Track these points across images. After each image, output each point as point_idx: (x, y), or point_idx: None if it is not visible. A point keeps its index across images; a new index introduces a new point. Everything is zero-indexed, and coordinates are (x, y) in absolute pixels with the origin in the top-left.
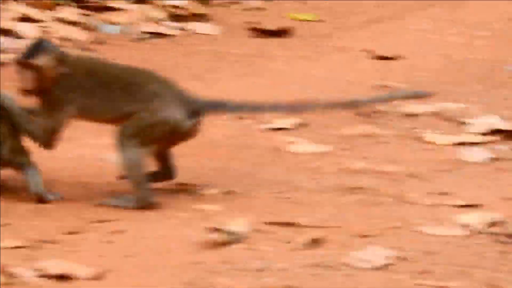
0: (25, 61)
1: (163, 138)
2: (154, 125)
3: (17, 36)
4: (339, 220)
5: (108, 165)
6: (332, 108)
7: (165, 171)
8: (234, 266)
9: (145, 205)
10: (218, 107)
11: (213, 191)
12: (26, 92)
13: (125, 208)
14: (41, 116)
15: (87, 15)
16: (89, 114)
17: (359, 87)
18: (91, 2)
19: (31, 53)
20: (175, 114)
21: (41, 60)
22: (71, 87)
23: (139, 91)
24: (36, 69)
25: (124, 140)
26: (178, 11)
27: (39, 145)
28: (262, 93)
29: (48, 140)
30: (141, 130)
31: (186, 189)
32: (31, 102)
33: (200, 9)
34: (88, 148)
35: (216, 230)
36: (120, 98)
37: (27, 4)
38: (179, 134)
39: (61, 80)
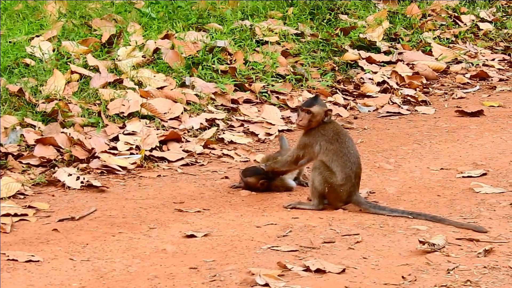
0: (305, 107)
1: None
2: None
3: None
4: (508, 237)
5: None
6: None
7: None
8: (434, 267)
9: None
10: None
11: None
12: (300, 127)
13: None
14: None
15: (351, 99)
16: (315, 156)
17: None
18: (354, 91)
19: (310, 103)
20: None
21: (315, 109)
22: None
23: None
24: (311, 113)
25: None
26: (410, 98)
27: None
28: (461, 153)
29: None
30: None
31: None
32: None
33: (423, 97)
34: None
35: (424, 242)
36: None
37: (312, 93)
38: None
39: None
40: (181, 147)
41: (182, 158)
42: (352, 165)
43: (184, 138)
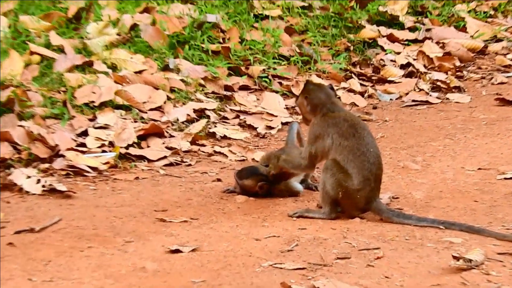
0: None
1: None
2: None
3: None
4: None
5: None
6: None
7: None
8: (470, 287)
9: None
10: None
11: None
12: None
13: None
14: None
15: (369, 85)
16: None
17: None
18: (373, 76)
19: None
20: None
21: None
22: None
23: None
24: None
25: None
26: (440, 84)
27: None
28: (503, 150)
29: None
30: None
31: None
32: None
33: (456, 82)
34: None
35: (458, 258)
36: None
37: (322, 77)
38: None
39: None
40: (163, 143)
41: (165, 157)
42: (371, 165)
43: (167, 132)
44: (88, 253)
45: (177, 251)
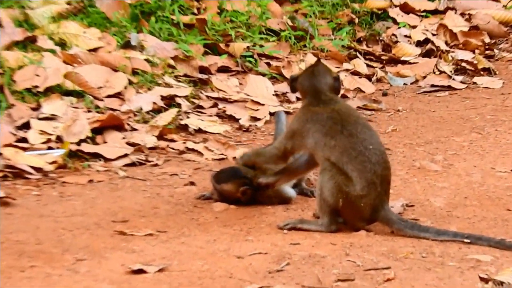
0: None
1: None
2: None
3: None
4: None
5: None
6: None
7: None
8: None
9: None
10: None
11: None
12: None
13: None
14: None
15: (378, 67)
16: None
17: None
18: (383, 55)
19: None
20: None
21: None
22: None
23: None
24: None
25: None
26: (465, 65)
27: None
28: None
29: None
30: None
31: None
32: None
33: (485, 63)
34: None
35: (487, 280)
36: None
37: (320, 57)
38: None
39: None
40: (124, 138)
41: (126, 155)
42: (374, 166)
43: (128, 124)
44: (31, 274)
45: (140, 271)
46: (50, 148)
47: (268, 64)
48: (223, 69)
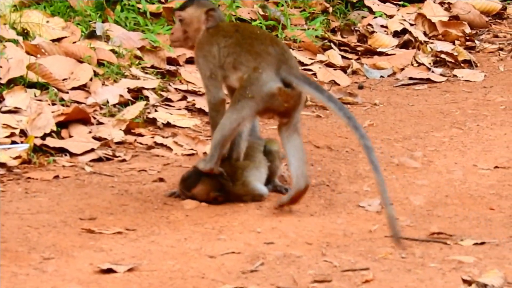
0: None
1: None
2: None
3: None
4: None
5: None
6: None
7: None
8: None
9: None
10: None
11: (467, 241)
12: (174, 44)
13: None
14: None
15: (353, 58)
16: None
17: None
18: (358, 46)
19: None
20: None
21: (188, 12)
22: None
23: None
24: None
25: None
26: (445, 57)
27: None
28: None
29: None
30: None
31: (440, 239)
32: None
33: (466, 54)
34: None
35: (470, 282)
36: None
37: (293, 47)
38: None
39: None
40: (90, 132)
41: (92, 150)
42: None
43: (94, 118)
44: None
45: (109, 270)
46: (14, 142)
47: None
48: (191, 61)
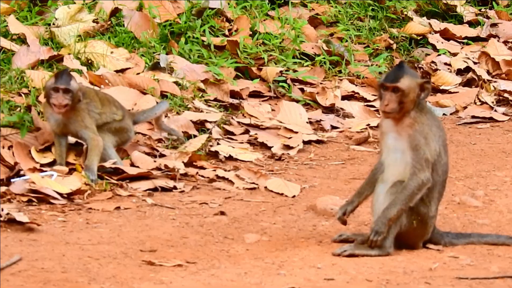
0: (389, 83)
1: None
2: None
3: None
4: None
5: None
6: None
7: None
8: None
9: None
10: None
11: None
12: (388, 115)
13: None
14: None
15: None
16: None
17: None
18: None
19: (395, 76)
20: None
21: (405, 83)
22: None
23: None
24: (400, 91)
25: None
26: (508, 96)
27: None
28: None
29: None
30: None
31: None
32: None
33: None
34: None
35: None
36: None
37: (356, 83)
38: None
39: None
40: (155, 162)
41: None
42: (443, 183)
43: (156, 150)
44: None
45: None
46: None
47: (302, 90)
48: (255, 94)
